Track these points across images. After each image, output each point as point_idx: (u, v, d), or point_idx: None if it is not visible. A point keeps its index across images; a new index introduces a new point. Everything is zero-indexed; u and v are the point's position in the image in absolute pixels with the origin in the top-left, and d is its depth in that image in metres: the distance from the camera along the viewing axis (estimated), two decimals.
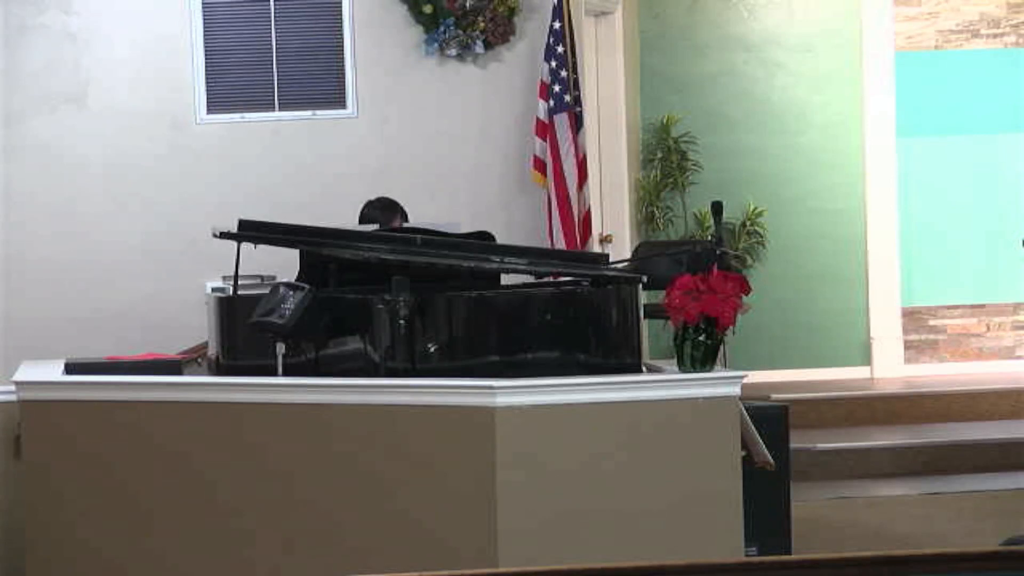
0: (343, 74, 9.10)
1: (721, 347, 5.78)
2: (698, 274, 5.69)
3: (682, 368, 5.71)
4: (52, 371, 6.34)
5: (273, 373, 5.94)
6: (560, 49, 8.93)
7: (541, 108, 8.98)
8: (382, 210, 7.74)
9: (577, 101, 9.05)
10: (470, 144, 9.16)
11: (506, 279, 6.72)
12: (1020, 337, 10.63)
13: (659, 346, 9.19)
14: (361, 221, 7.72)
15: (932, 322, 10.65)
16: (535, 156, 9.02)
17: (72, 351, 7.43)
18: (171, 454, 5.95)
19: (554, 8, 8.96)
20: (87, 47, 9.02)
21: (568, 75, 8.96)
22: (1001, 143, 10.64)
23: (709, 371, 5.70)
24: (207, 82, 9.05)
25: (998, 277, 10.61)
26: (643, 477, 5.62)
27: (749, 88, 10.58)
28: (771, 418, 6.78)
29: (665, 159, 10.46)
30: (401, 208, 7.80)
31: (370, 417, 5.72)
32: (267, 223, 6.49)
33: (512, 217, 9.08)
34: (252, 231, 6.35)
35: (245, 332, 6.12)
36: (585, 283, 6.29)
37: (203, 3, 9.01)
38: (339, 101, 9.11)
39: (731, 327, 5.71)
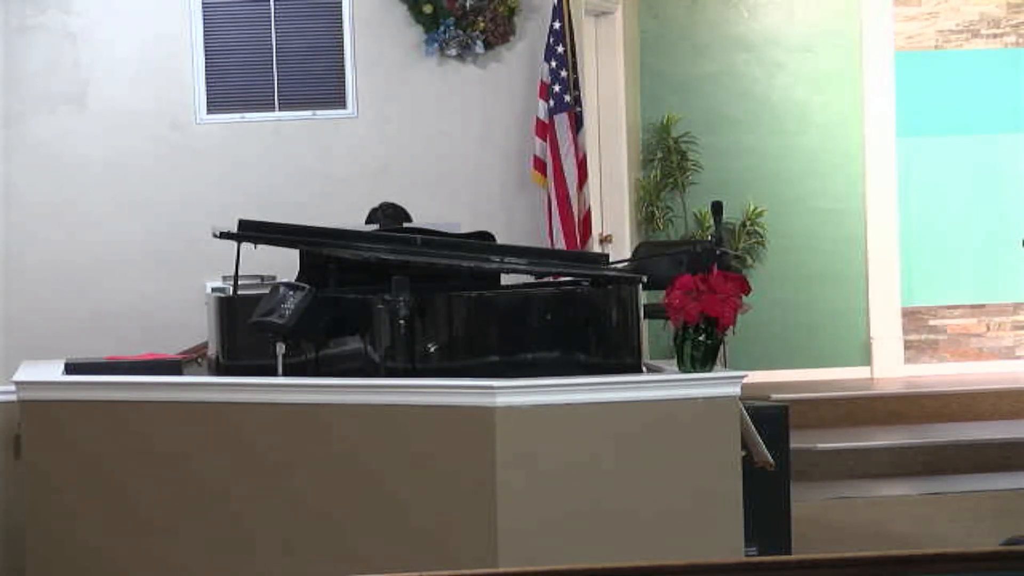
0: (343, 74, 9.10)
1: (721, 347, 5.78)
2: (698, 274, 5.69)
3: (682, 368, 5.71)
4: (52, 371, 6.33)
5: (273, 373, 5.94)
6: (560, 49, 8.93)
7: (541, 108, 8.98)
8: (388, 219, 7.72)
9: (577, 101, 9.05)
10: (470, 144, 9.16)
11: (506, 279, 6.72)
12: (1020, 337, 10.62)
13: (659, 346, 9.19)
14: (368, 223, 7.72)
15: (932, 322, 10.64)
16: (535, 156, 9.01)
17: (72, 351, 7.43)
18: (171, 454, 5.95)
19: (554, 8, 8.96)
20: (87, 47, 9.02)
21: (568, 75, 8.95)
22: (1001, 143, 10.63)
23: (709, 371, 5.70)
24: (207, 82, 9.05)
25: (998, 277, 10.61)
26: (643, 477, 5.62)
27: (749, 88, 10.57)
28: (771, 418, 6.78)
29: (665, 159, 10.45)
30: (408, 216, 7.78)
31: (370, 417, 5.72)
32: (267, 223, 6.49)
33: (512, 217, 9.08)
34: (252, 231, 6.35)
35: (245, 332, 6.12)
36: (585, 283, 6.29)
37: (203, 3, 9.02)
38: (339, 101, 9.11)
39: (731, 327, 5.71)
